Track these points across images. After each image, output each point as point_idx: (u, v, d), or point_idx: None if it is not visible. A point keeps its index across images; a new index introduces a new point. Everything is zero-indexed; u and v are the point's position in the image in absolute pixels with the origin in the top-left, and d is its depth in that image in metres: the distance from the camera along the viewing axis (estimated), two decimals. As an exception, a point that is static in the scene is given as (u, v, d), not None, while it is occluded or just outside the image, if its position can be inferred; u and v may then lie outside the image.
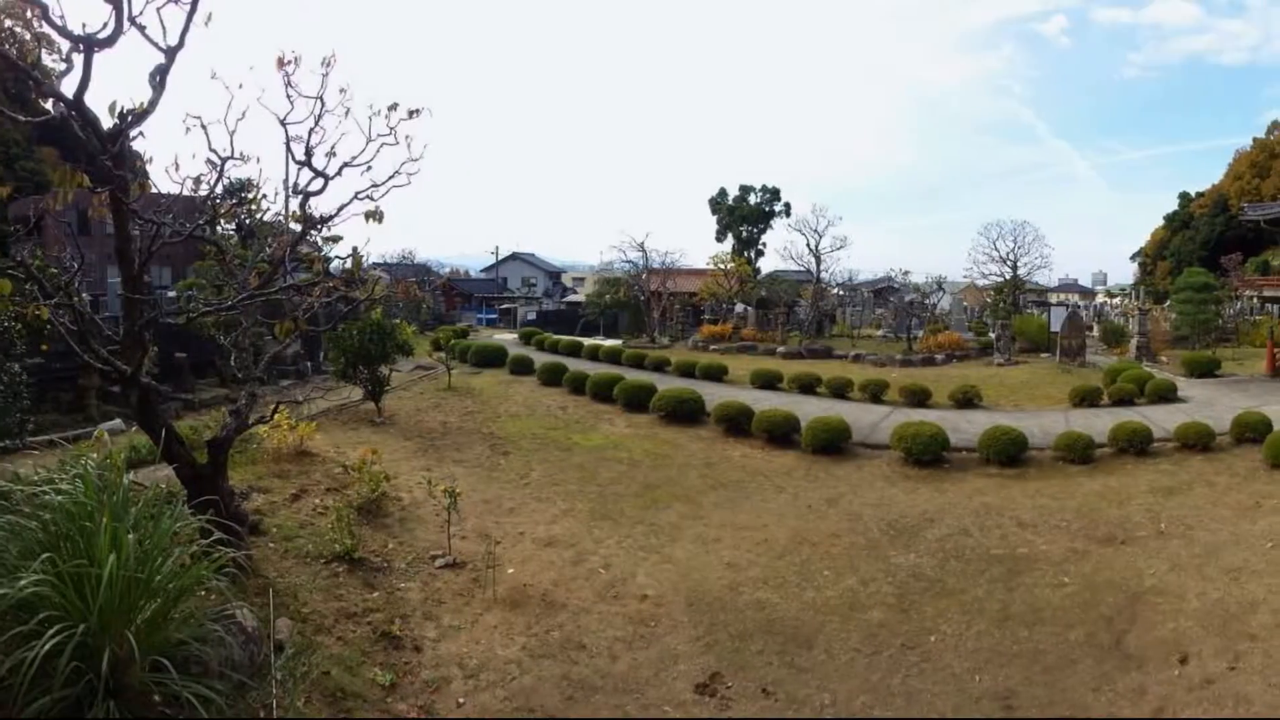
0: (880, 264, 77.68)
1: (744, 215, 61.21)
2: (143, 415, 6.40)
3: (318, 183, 6.91)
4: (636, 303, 36.35)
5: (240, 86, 5.97)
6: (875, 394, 18.35)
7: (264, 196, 7.42)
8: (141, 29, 5.10)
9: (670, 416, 15.28)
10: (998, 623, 8.18)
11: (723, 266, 37.49)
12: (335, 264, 8.52)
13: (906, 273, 41.34)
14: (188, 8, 5.21)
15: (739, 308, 35.50)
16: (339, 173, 6.89)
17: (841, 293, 43.29)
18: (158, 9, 5.09)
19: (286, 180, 7.36)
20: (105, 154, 5.18)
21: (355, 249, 7.06)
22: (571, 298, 58.15)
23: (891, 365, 25.03)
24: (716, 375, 20.50)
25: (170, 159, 5.94)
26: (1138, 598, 8.60)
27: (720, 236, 62.26)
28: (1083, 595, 8.75)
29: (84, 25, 4.87)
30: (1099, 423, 14.78)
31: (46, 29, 4.84)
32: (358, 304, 8.39)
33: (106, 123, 5.27)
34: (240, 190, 7.50)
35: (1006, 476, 12.72)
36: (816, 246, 34.56)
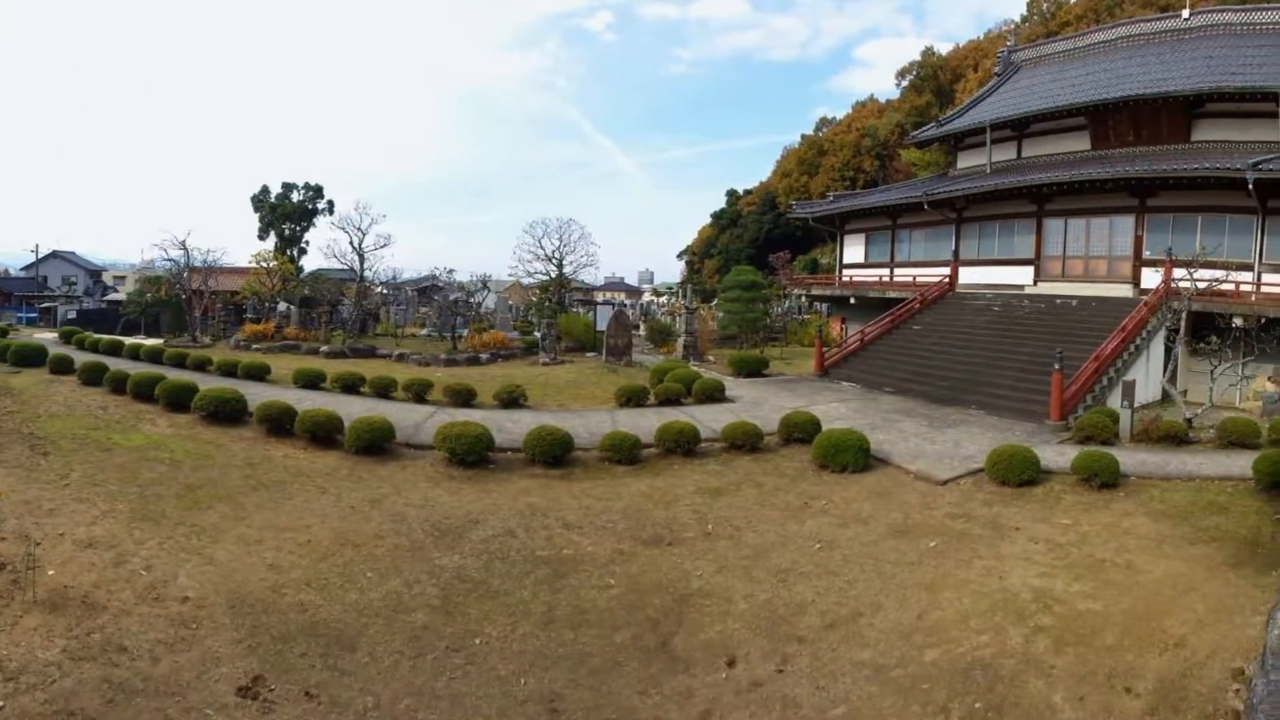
0: (427, 262, 79.74)
1: (287, 213, 62.04)
2: None
3: None
4: (178, 301, 36.02)
5: None
6: (420, 394, 18.64)
7: None
8: None
9: (212, 417, 15.44)
10: (543, 625, 8.45)
11: (265, 265, 37.14)
12: None
13: (451, 271, 42.82)
14: None
15: (282, 306, 35.15)
16: None
17: (385, 291, 43.80)
18: None
19: None
20: None
21: (-110, 251, 7.45)
22: (113, 296, 58.30)
23: (436, 365, 25.21)
24: (259, 375, 20.86)
25: None
26: (685, 600, 9.05)
27: (263, 234, 62.30)
28: (629, 597, 9.11)
29: None
30: (646, 423, 15.80)
31: None
32: (-108, 306, 9.27)
33: None
34: None
35: (552, 477, 13.09)
36: (360, 244, 34.59)
